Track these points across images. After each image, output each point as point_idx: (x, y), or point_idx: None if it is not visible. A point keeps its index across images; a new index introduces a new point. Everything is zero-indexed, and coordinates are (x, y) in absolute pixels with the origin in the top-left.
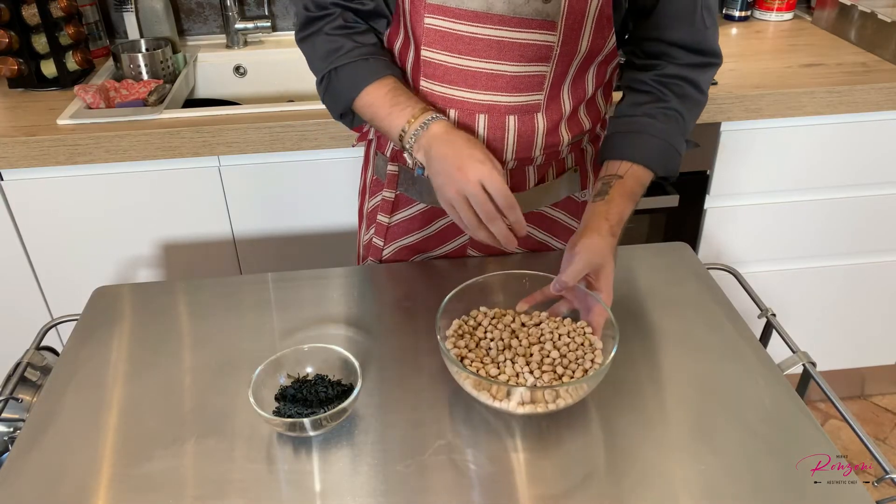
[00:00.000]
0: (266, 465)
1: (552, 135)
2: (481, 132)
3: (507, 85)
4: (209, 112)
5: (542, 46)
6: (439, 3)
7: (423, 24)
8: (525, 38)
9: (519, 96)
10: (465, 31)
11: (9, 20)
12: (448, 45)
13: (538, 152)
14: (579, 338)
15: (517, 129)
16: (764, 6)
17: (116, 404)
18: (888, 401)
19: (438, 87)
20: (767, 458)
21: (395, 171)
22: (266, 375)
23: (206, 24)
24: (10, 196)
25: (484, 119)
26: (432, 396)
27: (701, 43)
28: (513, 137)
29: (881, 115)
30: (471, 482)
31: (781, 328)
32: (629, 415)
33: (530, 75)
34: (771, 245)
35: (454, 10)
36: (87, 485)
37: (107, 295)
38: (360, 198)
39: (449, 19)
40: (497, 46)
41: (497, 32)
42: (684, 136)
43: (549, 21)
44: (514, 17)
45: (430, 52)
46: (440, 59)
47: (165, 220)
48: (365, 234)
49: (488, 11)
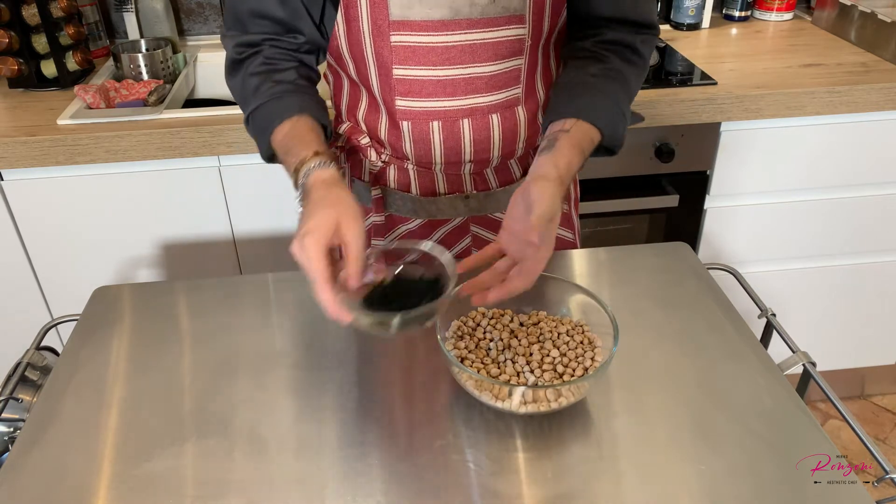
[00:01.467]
0: (266, 465)
1: (532, 125)
2: (466, 135)
3: (486, 85)
4: (209, 112)
5: (515, 41)
6: (403, 18)
7: (391, 43)
8: (496, 36)
9: (499, 94)
10: (435, 41)
11: (9, 20)
12: (421, 59)
13: (521, 145)
14: (579, 336)
15: (501, 126)
16: (764, 6)
17: (116, 404)
18: (888, 401)
19: (418, 103)
20: (767, 458)
21: (380, 195)
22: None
23: (206, 24)
24: (10, 196)
25: (468, 123)
26: (432, 396)
27: (636, 16)
28: (498, 135)
29: (881, 115)
30: (471, 482)
31: (781, 328)
32: (629, 415)
33: (507, 71)
34: (771, 245)
35: (420, 23)
36: (87, 485)
37: (107, 295)
38: None
39: (416, 33)
40: (470, 50)
41: (468, 36)
42: (629, 99)
43: (518, 15)
44: (483, 17)
45: (404, 70)
46: (415, 75)
47: (165, 220)
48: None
49: (455, 18)
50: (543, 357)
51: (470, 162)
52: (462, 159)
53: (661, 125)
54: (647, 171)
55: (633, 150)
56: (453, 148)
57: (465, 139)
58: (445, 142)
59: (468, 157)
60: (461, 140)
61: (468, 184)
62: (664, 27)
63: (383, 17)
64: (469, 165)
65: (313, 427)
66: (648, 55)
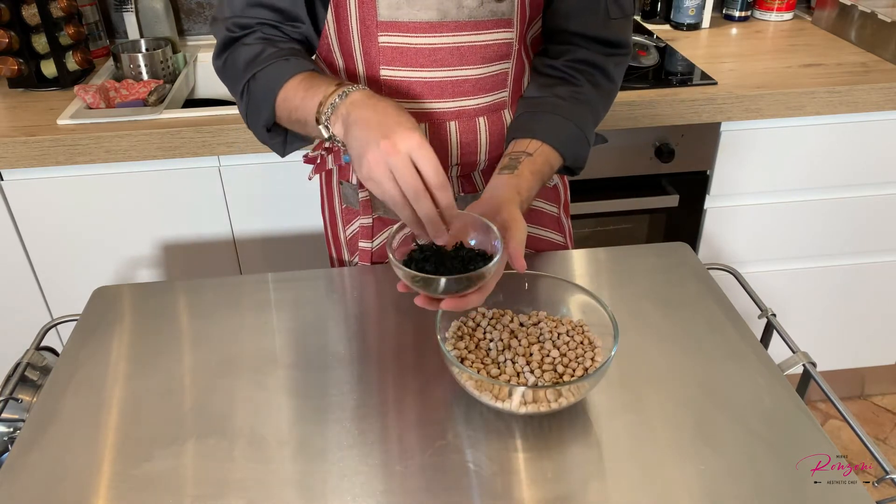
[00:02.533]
0: (266, 465)
1: None
2: (453, 138)
3: (473, 88)
4: (209, 112)
5: (503, 45)
6: (391, 19)
7: (378, 45)
8: (484, 39)
9: (486, 97)
10: (423, 43)
11: (9, 20)
12: (408, 61)
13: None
14: (579, 336)
15: (488, 129)
16: (764, 6)
17: (116, 404)
18: (888, 401)
19: (405, 105)
20: (767, 458)
21: (367, 197)
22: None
23: (206, 24)
24: (10, 196)
25: (455, 125)
26: (432, 396)
27: (607, 35)
28: (485, 138)
29: (881, 115)
30: (471, 482)
31: (781, 328)
32: (629, 415)
33: (494, 74)
34: (771, 245)
35: (408, 25)
36: (87, 485)
37: (107, 295)
38: (328, 227)
39: (404, 34)
40: (458, 53)
41: (455, 39)
42: (595, 124)
43: (506, 19)
44: (471, 20)
45: (391, 71)
46: (402, 76)
47: (165, 220)
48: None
49: (443, 20)
50: (543, 357)
51: (457, 165)
52: (449, 162)
53: (661, 125)
54: (647, 171)
55: (633, 150)
56: (440, 150)
57: (451, 142)
58: (432, 144)
59: (455, 159)
60: (448, 142)
61: (455, 187)
62: (664, 27)
63: (371, 17)
64: (456, 168)
65: (313, 427)
66: (619, 78)
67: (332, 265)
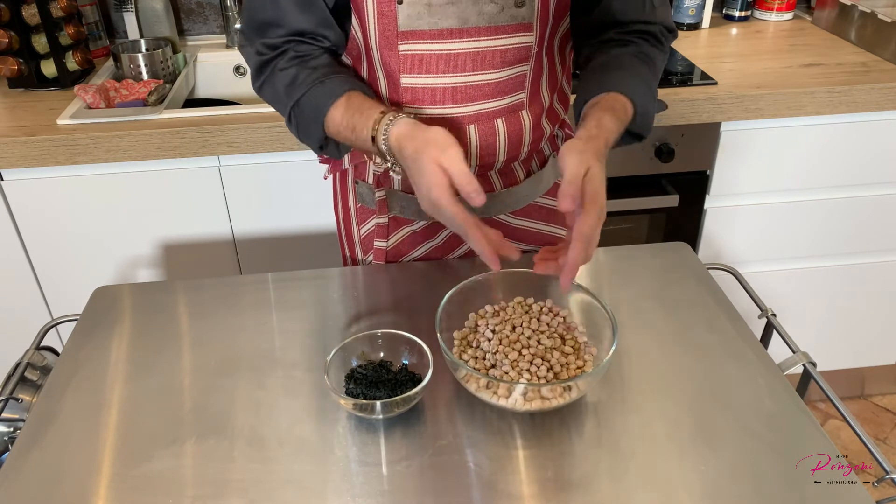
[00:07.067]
0: (266, 465)
1: (537, 129)
2: (473, 140)
3: (493, 91)
4: (209, 112)
5: (522, 48)
6: (411, 28)
7: (399, 53)
8: (504, 44)
9: (504, 99)
10: (443, 49)
11: (9, 20)
12: (428, 67)
13: (525, 148)
14: (578, 335)
15: (507, 130)
16: (764, 6)
17: (116, 404)
18: (888, 401)
19: (425, 110)
20: (767, 458)
21: (384, 196)
22: (337, 358)
23: (206, 24)
24: (10, 196)
25: (474, 128)
26: (432, 396)
27: (655, 19)
28: (503, 139)
29: (881, 115)
30: (471, 482)
31: (782, 328)
32: (629, 415)
33: (513, 77)
34: (771, 245)
35: (429, 32)
36: (87, 485)
37: (107, 295)
38: (342, 226)
39: (425, 41)
40: (478, 58)
41: (476, 44)
42: (657, 81)
43: (526, 23)
44: (490, 26)
45: (411, 78)
46: (423, 83)
47: (165, 220)
48: (364, 257)
49: (464, 26)
50: (543, 355)
51: (476, 166)
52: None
53: (661, 125)
54: (647, 170)
55: (633, 149)
56: None
57: (471, 144)
58: None
59: (474, 161)
60: (468, 145)
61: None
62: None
63: (392, 27)
64: (474, 169)
65: (313, 427)
66: (668, 50)
67: (346, 264)
